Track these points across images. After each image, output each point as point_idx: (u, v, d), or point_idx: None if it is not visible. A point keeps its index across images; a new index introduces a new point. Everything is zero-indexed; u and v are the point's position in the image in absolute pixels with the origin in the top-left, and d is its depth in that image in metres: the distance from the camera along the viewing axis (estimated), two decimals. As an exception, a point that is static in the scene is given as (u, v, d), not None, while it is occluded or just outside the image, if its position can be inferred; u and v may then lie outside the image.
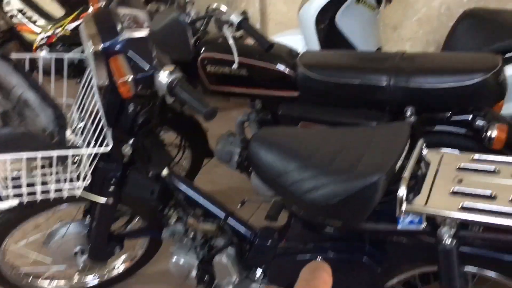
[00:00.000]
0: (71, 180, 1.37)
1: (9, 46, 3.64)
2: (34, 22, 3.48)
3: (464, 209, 1.01)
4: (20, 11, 3.47)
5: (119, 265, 2.00)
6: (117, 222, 1.81)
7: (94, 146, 1.34)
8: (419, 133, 1.66)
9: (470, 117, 1.65)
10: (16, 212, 1.56)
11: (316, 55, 1.86)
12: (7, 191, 1.30)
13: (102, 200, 1.52)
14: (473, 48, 2.06)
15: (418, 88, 1.61)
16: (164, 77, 1.22)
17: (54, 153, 1.25)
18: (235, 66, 1.69)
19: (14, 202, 1.34)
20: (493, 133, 1.55)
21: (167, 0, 2.29)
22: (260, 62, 1.81)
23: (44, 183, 1.36)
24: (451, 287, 1.10)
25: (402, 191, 1.01)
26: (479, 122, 1.62)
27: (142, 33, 1.26)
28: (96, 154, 1.36)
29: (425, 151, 1.17)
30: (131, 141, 1.46)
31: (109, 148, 1.33)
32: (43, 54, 1.50)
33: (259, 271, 1.50)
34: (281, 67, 1.80)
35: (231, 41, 1.68)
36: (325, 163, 1.12)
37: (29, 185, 1.33)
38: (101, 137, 1.35)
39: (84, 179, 1.39)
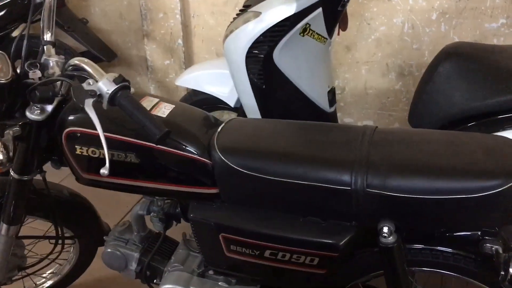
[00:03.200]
0: None
1: None
2: None
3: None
4: None
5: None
6: None
7: None
8: (401, 254, 1.09)
9: (477, 235, 1.09)
10: None
11: (243, 131, 1.22)
12: None
13: None
14: (460, 103, 1.50)
15: (399, 196, 1.02)
16: None
17: None
18: (104, 171, 1.03)
19: None
20: (517, 271, 1.00)
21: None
22: (157, 145, 1.16)
23: None
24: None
25: None
26: (491, 246, 1.06)
27: None
28: None
29: None
30: None
31: None
32: None
33: None
34: (189, 151, 1.16)
35: (98, 126, 1.02)
36: None
37: None
38: None
39: None
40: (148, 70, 2.95)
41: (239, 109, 1.91)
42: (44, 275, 1.78)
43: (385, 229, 1.05)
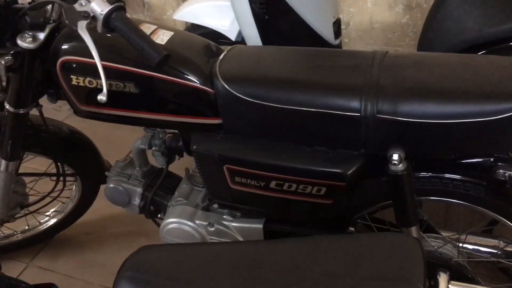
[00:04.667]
0: None
1: None
2: None
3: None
4: None
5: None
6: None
7: None
8: (410, 182, 1.06)
9: (489, 162, 1.05)
10: None
11: (247, 58, 1.16)
12: None
13: None
14: (472, 29, 1.43)
15: (410, 122, 0.98)
16: None
17: None
18: (102, 97, 0.99)
19: None
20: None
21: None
22: (157, 73, 1.11)
23: None
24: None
25: None
26: (504, 172, 1.03)
27: None
28: None
29: None
30: None
31: None
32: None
33: None
34: (190, 79, 1.11)
35: (94, 50, 0.97)
36: None
37: None
38: None
39: None
40: (145, 7, 2.84)
41: (240, 43, 1.84)
42: (47, 213, 1.77)
43: (395, 156, 1.02)
